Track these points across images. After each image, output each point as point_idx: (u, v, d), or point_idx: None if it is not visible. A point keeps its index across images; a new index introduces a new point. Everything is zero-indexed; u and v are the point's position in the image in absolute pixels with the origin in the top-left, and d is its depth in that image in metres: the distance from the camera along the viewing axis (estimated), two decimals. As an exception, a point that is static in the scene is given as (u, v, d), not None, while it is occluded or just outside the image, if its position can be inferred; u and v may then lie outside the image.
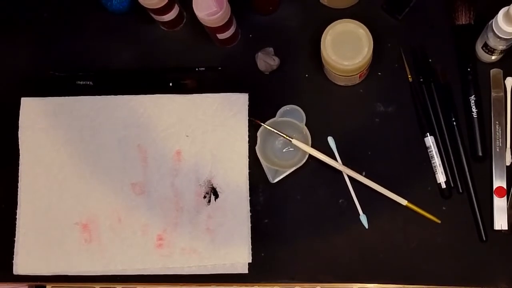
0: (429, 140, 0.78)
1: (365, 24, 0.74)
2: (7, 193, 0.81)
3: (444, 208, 0.78)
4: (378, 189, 0.77)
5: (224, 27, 0.77)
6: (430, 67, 0.80)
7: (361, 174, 0.77)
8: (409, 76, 0.80)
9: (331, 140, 0.79)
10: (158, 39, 0.84)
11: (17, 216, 0.80)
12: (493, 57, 0.78)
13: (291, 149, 0.80)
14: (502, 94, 0.79)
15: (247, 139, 0.80)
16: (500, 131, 0.78)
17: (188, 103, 0.81)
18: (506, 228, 0.76)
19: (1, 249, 0.80)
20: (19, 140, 0.81)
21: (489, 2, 0.76)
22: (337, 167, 0.77)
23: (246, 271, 0.78)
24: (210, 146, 0.80)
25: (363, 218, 0.78)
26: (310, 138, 0.77)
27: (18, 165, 0.81)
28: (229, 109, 0.80)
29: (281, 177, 0.78)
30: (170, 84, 0.81)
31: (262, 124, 0.77)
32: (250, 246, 0.78)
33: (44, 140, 0.81)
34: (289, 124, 0.78)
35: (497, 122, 0.78)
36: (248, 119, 0.80)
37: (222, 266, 0.78)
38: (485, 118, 0.78)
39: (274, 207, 0.79)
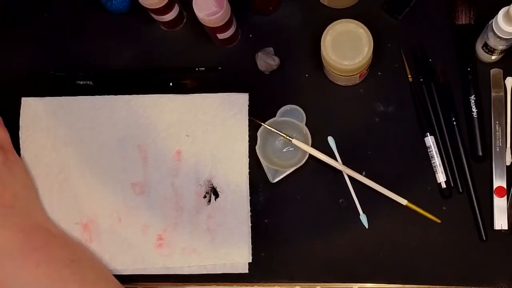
0: (429, 140, 0.78)
1: (365, 24, 0.74)
2: (7, 193, 0.81)
3: (444, 208, 0.78)
4: (378, 189, 0.77)
5: (224, 27, 0.77)
6: (430, 67, 0.80)
7: (361, 174, 0.78)
8: (409, 76, 0.80)
9: (331, 140, 0.79)
10: (158, 39, 0.84)
11: (17, 216, 0.80)
12: (493, 57, 0.78)
13: (291, 149, 0.80)
14: (502, 94, 0.79)
15: (247, 139, 0.80)
16: (500, 131, 0.78)
17: (188, 103, 0.81)
18: (506, 228, 0.76)
19: (1, 249, 0.80)
20: (20, 140, 0.81)
21: (489, 2, 0.76)
22: (337, 167, 0.77)
23: (246, 271, 0.78)
24: (210, 146, 0.80)
25: (363, 218, 0.78)
26: (310, 138, 0.77)
27: (18, 165, 0.81)
28: (229, 109, 0.80)
29: (281, 177, 0.78)
30: (170, 84, 0.81)
31: (262, 123, 0.77)
32: (250, 246, 0.78)
33: (44, 140, 0.81)
34: (289, 124, 0.78)
35: (497, 122, 0.78)
36: (248, 119, 0.80)
37: (222, 266, 0.78)
38: (485, 118, 0.78)
39: (274, 207, 0.79)
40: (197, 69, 0.82)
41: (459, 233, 0.77)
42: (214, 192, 0.79)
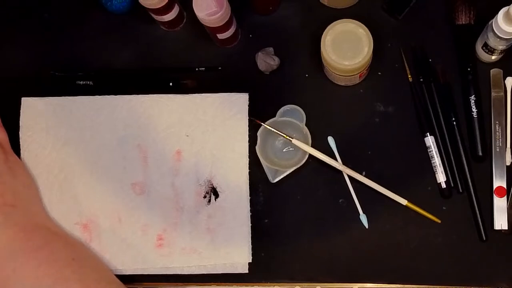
0: (429, 140, 0.78)
1: (365, 24, 0.74)
2: (7, 193, 0.81)
3: (444, 208, 0.78)
4: (378, 189, 0.77)
5: (224, 27, 0.77)
6: (430, 67, 0.80)
7: (361, 174, 0.78)
8: (409, 76, 0.80)
9: (331, 140, 0.79)
10: (158, 39, 0.84)
11: (17, 216, 0.80)
12: (493, 57, 0.78)
13: (291, 149, 0.80)
14: (502, 94, 0.79)
15: (247, 139, 0.80)
16: (500, 131, 0.78)
17: (188, 103, 0.81)
18: (506, 228, 0.76)
19: (1, 249, 0.80)
20: (20, 140, 0.81)
21: (489, 2, 0.76)
22: (337, 167, 0.77)
23: (246, 271, 0.78)
24: (210, 146, 0.80)
25: (363, 218, 0.78)
26: (310, 138, 0.77)
27: (18, 165, 0.81)
28: (229, 109, 0.80)
29: (281, 177, 0.78)
30: (170, 84, 0.81)
31: (262, 124, 0.77)
32: (250, 246, 0.78)
33: (45, 140, 0.81)
34: (289, 124, 0.78)
35: (497, 122, 0.78)
36: (248, 119, 0.80)
37: (222, 266, 0.78)
38: (485, 118, 0.78)
39: (274, 207, 0.79)
40: (197, 69, 0.82)
41: (459, 233, 0.77)
42: (214, 192, 0.79)
